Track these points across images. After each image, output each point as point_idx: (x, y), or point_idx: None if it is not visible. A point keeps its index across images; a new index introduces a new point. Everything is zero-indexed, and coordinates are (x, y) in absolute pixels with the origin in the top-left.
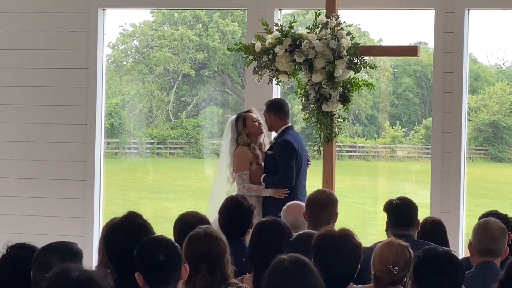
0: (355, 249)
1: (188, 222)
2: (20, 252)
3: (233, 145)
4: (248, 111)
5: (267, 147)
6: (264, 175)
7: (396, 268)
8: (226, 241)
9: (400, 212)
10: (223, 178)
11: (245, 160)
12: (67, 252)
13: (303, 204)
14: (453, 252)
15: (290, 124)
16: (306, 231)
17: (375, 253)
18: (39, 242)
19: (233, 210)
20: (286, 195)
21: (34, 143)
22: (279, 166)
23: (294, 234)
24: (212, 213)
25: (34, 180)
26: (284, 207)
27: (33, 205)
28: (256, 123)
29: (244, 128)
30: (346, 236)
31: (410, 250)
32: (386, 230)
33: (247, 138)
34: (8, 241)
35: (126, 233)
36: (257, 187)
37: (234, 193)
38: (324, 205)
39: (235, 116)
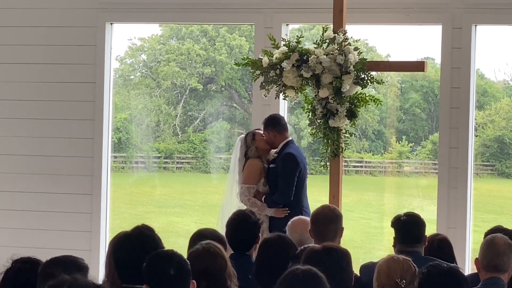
0: (344, 257)
1: (204, 238)
2: (24, 265)
3: (242, 161)
4: (258, 129)
5: None
6: (265, 196)
7: (404, 281)
8: (226, 256)
9: (407, 228)
10: (233, 194)
11: (256, 173)
12: (72, 265)
13: (308, 219)
14: (457, 268)
15: (290, 138)
16: (309, 245)
17: (380, 268)
18: (46, 256)
19: (239, 223)
20: (287, 214)
21: (41, 157)
22: (280, 180)
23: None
24: (222, 230)
25: (40, 194)
26: (289, 223)
27: (40, 219)
28: (265, 138)
29: (253, 142)
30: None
31: (414, 264)
32: (394, 246)
33: (257, 151)
34: (12, 255)
35: (134, 242)
36: (261, 204)
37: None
38: (329, 220)
39: (244, 134)
